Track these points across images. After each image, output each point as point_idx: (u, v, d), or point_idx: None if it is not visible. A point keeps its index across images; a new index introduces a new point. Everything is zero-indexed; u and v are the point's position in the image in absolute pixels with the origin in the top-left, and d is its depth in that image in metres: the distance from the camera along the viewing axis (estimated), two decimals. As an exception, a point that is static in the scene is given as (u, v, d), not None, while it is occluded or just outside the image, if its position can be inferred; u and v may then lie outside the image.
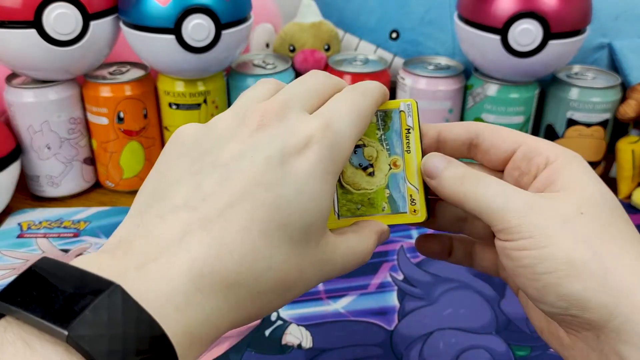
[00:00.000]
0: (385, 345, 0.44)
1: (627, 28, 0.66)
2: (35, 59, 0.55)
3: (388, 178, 0.32)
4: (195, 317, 0.22)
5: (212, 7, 0.54)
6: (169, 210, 0.24)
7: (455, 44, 0.68)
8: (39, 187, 0.62)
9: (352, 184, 0.32)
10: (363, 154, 0.32)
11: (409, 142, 0.32)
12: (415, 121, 0.32)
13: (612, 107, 0.60)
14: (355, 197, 0.32)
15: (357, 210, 0.32)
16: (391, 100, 0.32)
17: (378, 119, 0.32)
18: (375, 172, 0.32)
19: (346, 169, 0.32)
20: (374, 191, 0.32)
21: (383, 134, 0.32)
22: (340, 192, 0.32)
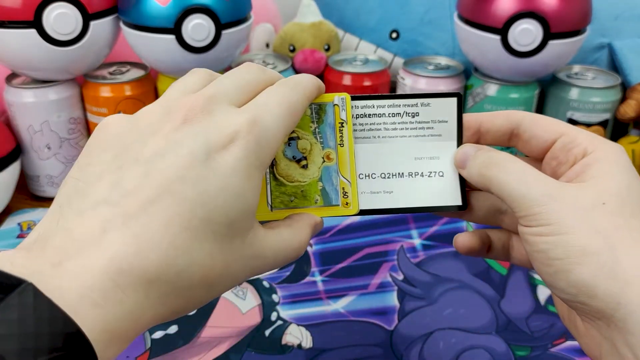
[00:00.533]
0: (385, 345, 0.44)
1: (627, 28, 0.66)
2: (35, 59, 0.55)
3: (321, 171, 0.32)
4: (114, 313, 0.22)
5: (212, 7, 0.54)
6: (89, 206, 0.24)
7: (455, 44, 0.68)
8: (39, 187, 0.62)
9: (285, 176, 0.32)
10: (297, 146, 0.32)
11: (342, 135, 0.32)
12: (348, 115, 0.32)
13: (612, 107, 0.60)
14: (288, 189, 0.32)
15: (290, 202, 0.32)
16: (326, 94, 0.32)
17: (312, 112, 0.32)
18: (309, 164, 0.32)
19: (280, 161, 0.32)
20: (307, 184, 0.32)
21: (317, 127, 0.32)
22: (273, 184, 0.32)
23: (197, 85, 0.28)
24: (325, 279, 0.51)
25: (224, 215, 0.24)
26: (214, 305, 0.48)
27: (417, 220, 0.59)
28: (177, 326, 0.45)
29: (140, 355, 0.43)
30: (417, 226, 0.57)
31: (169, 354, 0.43)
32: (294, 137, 0.32)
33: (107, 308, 0.22)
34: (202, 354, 0.43)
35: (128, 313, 0.22)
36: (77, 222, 0.23)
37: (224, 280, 0.26)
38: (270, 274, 0.51)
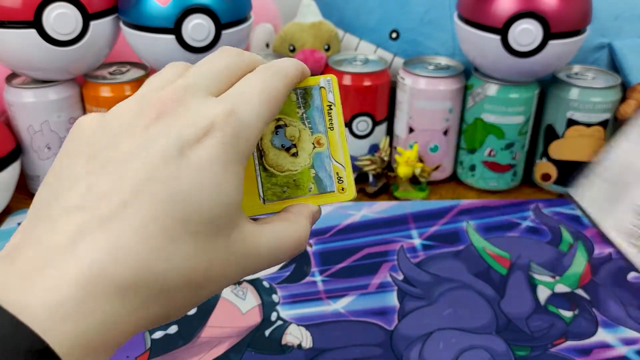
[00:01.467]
0: (385, 345, 0.44)
1: (627, 28, 0.66)
2: (35, 59, 0.55)
3: (312, 157, 0.31)
4: (88, 324, 0.21)
5: (212, 7, 0.54)
6: (61, 212, 0.23)
7: (455, 44, 0.68)
8: (39, 187, 0.62)
9: (275, 166, 0.31)
10: (285, 134, 0.31)
11: (332, 118, 0.31)
12: (337, 97, 0.31)
13: (612, 107, 0.60)
14: (279, 179, 0.31)
15: (282, 193, 0.31)
16: (312, 77, 0.31)
17: (298, 97, 0.31)
18: (299, 152, 0.31)
19: (268, 151, 0.31)
20: (299, 172, 0.31)
21: (304, 112, 0.31)
22: (263, 175, 0.31)
23: (173, 77, 0.26)
24: (325, 279, 0.51)
25: (201, 213, 0.23)
26: (214, 305, 0.48)
27: (417, 220, 0.59)
28: (177, 326, 0.45)
29: (140, 355, 0.43)
30: (417, 226, 0.58)
31: (168, 354, 0.43)
32: (282, 125, 0.31)
33: (79, 320, 0.21)
34: (202, 354, 0.43)
35: (103, 323, 0.21)
36: (49, 230, 0.22)
37: (212, 281, 0.25)
38: (270, 274, 0.51)
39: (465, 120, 0.64)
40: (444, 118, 0.63)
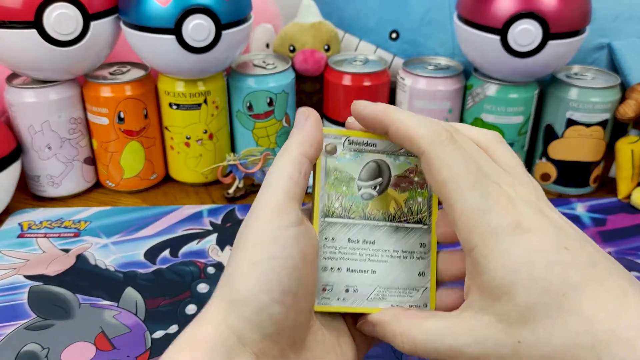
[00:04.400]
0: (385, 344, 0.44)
1: (627, 28, 0.66)
2: (36, 59, 0.55)
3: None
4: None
5: (213, 7, 0.54)
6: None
7: (455, 44, 0.68)
8: (39, 187, 0.62)
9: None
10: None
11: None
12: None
13: (611, 107, 0.60)
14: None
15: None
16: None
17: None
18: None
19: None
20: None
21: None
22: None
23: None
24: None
25: None
26: (214, 304, 0.48)
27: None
28: (177, 326, 0.46)
29: (141, 354, 0.43)
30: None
31: (169, 353, 0.43)
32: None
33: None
34: (202, 353, 0.43)
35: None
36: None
37: None
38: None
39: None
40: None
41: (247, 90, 0.62)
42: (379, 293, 0.31)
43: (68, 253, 0.54)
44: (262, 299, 0.26)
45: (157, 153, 0.64)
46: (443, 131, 0.28)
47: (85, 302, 0.48)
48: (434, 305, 0.32)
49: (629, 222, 0.59)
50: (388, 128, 0.29)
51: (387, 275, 0.31)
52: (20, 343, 0.44)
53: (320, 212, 0.30)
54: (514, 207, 0.26)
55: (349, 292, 0.31)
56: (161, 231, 0.57)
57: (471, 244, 0.27)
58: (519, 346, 0.25)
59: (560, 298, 0.24)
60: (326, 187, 0.31)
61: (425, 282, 0.31)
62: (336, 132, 0.31)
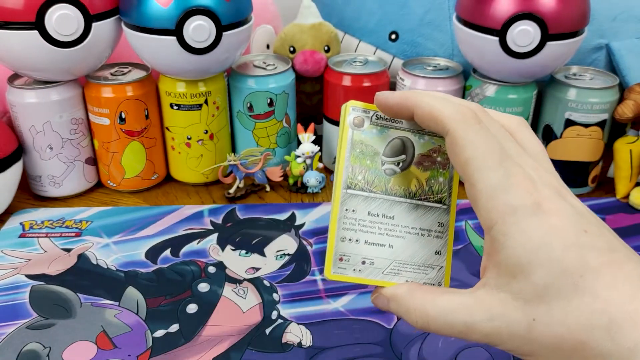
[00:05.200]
0: (384, 343, 0.45)
1: (625, 29, 0.67)
2: (38, 60, 0.55)
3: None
4: None
5: (213, 8, 0.55)
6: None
7: (454, 45, 0.68)
8: (41, 187, 0.62)
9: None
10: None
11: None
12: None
13: (609, 108, 0.60)
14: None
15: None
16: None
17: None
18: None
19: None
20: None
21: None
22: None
23: None
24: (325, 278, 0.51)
25: None
26: (215, 304, 0.48)
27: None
28: (178, 325, 0.46)
29: (142, 353, 0.43)
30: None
31: (170, 352, 0.44)
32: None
33: None
34: (203, 352, 0.44)
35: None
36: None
37: None
38: (271, 273, 0.52)
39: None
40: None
41: (248, 90, 0.62)
42: (395, 268, 0.31)
43: (69, 253, 0.54)
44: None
45: (158, 153, 0.64)
46: (468, 111, 0.28)
47: (86, 301, 0.48)
48: (448, 285, 0.32)
49: (627, 222, 0.59)
50: (413, 112, 0.29)
51: (404, 251, 0.31)
52: (21, 342, 0.44)
53: (343, 182, 0.31)
54: (536, 189, 0.27)
55: (365, 264, 0.31)
56: (162, 231, 0.57)
57: (491, 222, 0.27)
58: (534, 324, 0.25)
59: (577, 279, 0.25)
60: (351, 159, 0.31)
61: (441, 261, 0.32)
62: (365, 105, 0.31)
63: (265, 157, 0.63)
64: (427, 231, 0.32)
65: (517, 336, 0.26)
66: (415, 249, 0.31)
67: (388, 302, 0.30)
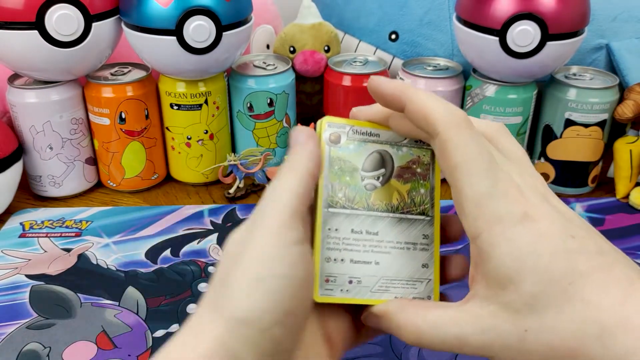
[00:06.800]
0: (384, 343, 0.45)
1: (625, 29, 0.67)
2: (38, 60, 0.55)
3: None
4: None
5: (213, 8, 0.55)
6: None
7: (454, 45, 0.68)
8: (41, 187, 0.62)
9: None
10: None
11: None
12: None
13: (609, 108, 0.60)
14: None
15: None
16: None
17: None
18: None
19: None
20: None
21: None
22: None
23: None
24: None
25: None
26: (215, 304, 0.48)
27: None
28: (178, 325, 0.46)
29: (142, 353, 0.43)
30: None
31: (170, 352, 0.43)
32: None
33: None
34: (203, 352, 0.44)
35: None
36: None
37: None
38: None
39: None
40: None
41: (248, 90, 0.62)
42: (383, 285, 0.31)
43: (69, 253, 0.54)
44: (265, 319, 0.25)
45: (158, 153, 0.64)
46: (461, 114, 0.28)
47: (86, 301, 0.48)
48: (437, 297, 0.32)
49: (627, 222, 0.59)
50: (405, 105, 0.29)
51: (391, 266, 0.31)
52: (21, 342, 0.44)
53: (323, 202, 0.30)
54: (522, 196, 0.26)
55: (352, 283, 0.30)
56: (162, 231, 0.57)
57: (477, 231, 0.27)
58: (526, 335, 0.25)
59: (567, 286, 0.24)
60: (330, 176, 0.30)
61: (429, 274, 0.31)
62: (340, 121, 0.31)
63: (266, 157, 0.63)
64: (412, 244, 0.31)
65: (510, 347, 0.26)
66: (402, 264, 0.31)
67: (379, 320, 0.30)
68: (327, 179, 0.30)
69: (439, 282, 0.32)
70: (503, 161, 0.28)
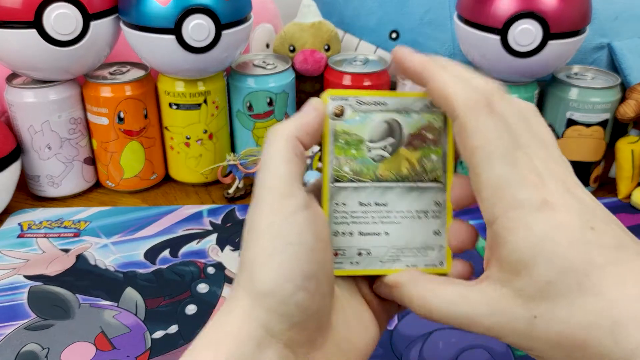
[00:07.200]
0: (385, 344, 0.44)
1: (627, 28, 0.66)
2: (36, 59, 0.55)
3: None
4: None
5: (212, 7, 0.54)
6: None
7: (455, 44, 0.68)
8: (39, 187, 0.62)
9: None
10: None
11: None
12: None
13: (611, 107, 0.60)
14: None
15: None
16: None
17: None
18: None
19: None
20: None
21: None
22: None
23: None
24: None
25: None
26: (214, 304, 0.48)
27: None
28: (177, 326, 0.46)
29: (141, 354, 0.43)
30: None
31: (169, 353, 0.43)
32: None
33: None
34: (202, 353, 0.43)
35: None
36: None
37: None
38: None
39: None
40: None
41: (247, 90, 0.62)
42: (393, 254, 0.30)
43: (68, 253, 0.54)
44: (286, 288, 0.26)
45: (157, 153, 0.64)
46: (481, 97, 0.27)
47: (85, 302, 0.48)
48: (449, 264, 0.31)
49: (629, 222, 0.59)
50: (427, 83, 0.28)
51: (401, 236, 0.30)
52: (20, 343, 0.44)
53: (329, 177, 0.30)
54: (543, 183, 0.26)
55: (361, 255, 0.30)
56: (161, 231, 0.57)
57: (494, 216, 0.26)
58: (535, 321, 0.25)
59: (582, 277, 0.24)
60: (335, 151, 0.30)
61: (441, 240, 0.31)
62: (344, 93, 0.30)
63: (265, 157, 0.62)
64: (424, 212, 0.31)
65: (518, 332, 0.26)
66: (413, 233, 0.30)
67: (391, 291, 0.30)
68: (332, 154, 0.30)
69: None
70: (529, 144, 0.27)
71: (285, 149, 0.28)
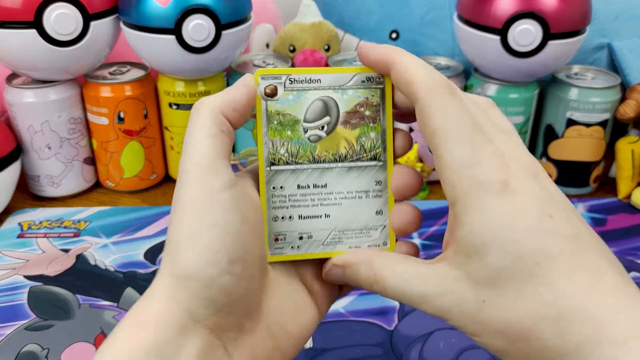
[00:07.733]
0: (385, 345, 0.44)
1: (627, 28, 0.66)
2: (36, 59, 0.55)
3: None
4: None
5: (212, 7, 0.54)
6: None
7: (455, 44, 0.68)
8: (39, 187, 0.62)
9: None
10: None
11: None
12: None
13: (611, 107, 0.60)
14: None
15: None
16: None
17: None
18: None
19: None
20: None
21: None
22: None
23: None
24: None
25: None
26: (214, 305, 0.48)
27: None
28: (177, 326, 0.46)
29: (141, 355, 0.43)
30: (417, 226, 0.58)
31: (169, 353, 0.43)
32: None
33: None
34: (202, 353, 0.43)
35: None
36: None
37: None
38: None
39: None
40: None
41: (247, 90, 0.62)
42: (335, 236, 0.30)
43: (68, 253, 0.54)
44: (210, 271, 0.25)
45: (157, 153, 0.64)
46: (443, 81, 0.27)
47: (85, 302, 0.48)
48: (394, 244, 0.30)
49: (629, 222, 0.59)
50: (391, 68, 0.28)
51: (342, 217, 0.30)
52: (20, 343, 0.44)
53: (265, 160, 0.29)
54: (505, 165, 0.25)
55: (302, 239, 0.30)
56: (161, 231, 0.57)
57: (454, 197, 0.26)
58: (483, 305, 0.25)
59: (533, 266, 0.24)
60: (269, 133, 0.29)
61: (384, 220, 0.30)
62: (275, 71, 0.29)
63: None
64: (365, 192, 0.30)
65: (466, 315, 0.25)
66: (354, 213, 0.30)
67: (344, 271, 0.29)
68: (267, 136, 0.29)
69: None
70: (492, 130, 0.27)
71: (210, 123, 0.26)
